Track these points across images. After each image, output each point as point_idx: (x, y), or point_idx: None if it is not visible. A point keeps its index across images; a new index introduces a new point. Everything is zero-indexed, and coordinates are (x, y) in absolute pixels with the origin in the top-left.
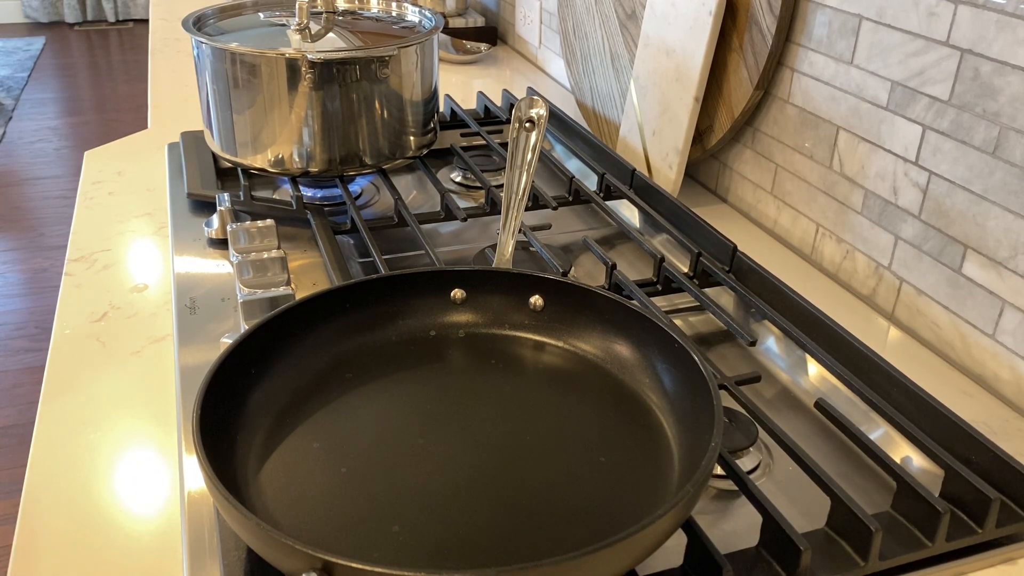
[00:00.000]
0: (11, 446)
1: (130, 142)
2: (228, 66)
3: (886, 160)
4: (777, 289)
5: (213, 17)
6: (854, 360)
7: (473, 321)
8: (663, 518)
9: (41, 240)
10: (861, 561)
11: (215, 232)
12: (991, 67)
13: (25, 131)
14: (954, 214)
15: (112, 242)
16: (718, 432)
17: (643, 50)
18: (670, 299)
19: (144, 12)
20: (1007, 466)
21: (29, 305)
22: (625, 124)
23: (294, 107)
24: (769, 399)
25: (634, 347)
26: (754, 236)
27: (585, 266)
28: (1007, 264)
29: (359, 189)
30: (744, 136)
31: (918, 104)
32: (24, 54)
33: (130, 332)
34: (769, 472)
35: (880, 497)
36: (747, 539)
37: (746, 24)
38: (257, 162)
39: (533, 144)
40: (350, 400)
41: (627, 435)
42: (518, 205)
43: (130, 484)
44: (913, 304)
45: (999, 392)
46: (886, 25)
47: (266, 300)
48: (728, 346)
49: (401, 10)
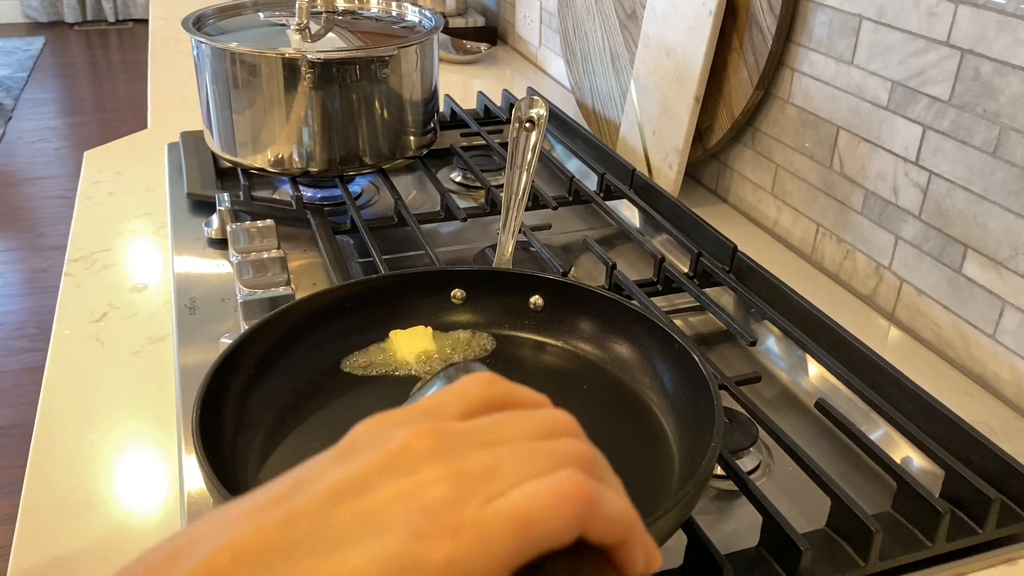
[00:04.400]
0: (11, 446)
1: (130, 142)
2: (228, 66)
3: (886, 160)
4: (777, 289)
5: (213, 17)
6: (854, 360)
7: (473, 321)
8: (663, 518)
9: (41, 240)
10: (861, 561)
11: (215, 232)
12: (991, 67)
13: (25, 131)
14: (954, 214)
15: (112, 242)
16: (718, 432)
17: (643, 50)
18: (670, 299)
19: (144, 12)
20: (1007, 466)
21: (29, 305)
22: (625, 124)
23: (294, 107)
24: (769, 399)
25: (634, 347)
26: (754, 236)
27: (585, 266)
28: (1007, 264)
29: (359, 189)
30: (744, 136)
31: (918, 104)
32: (24, 54)
33: (130, 332)
34: (769, 472)
35: (880, 497)
36: (747, 539)
37: (746, 24)
38: (257, 162)
39: (533, 144)
40: (350, 400)
41: (627, 435)
42: (518, 205)
43: (130, 484)
44: (913, 304)
45: (999, 392)
46: (886, 25)
47: (266, 300)
48: (728, 346)
49: (401, 10)
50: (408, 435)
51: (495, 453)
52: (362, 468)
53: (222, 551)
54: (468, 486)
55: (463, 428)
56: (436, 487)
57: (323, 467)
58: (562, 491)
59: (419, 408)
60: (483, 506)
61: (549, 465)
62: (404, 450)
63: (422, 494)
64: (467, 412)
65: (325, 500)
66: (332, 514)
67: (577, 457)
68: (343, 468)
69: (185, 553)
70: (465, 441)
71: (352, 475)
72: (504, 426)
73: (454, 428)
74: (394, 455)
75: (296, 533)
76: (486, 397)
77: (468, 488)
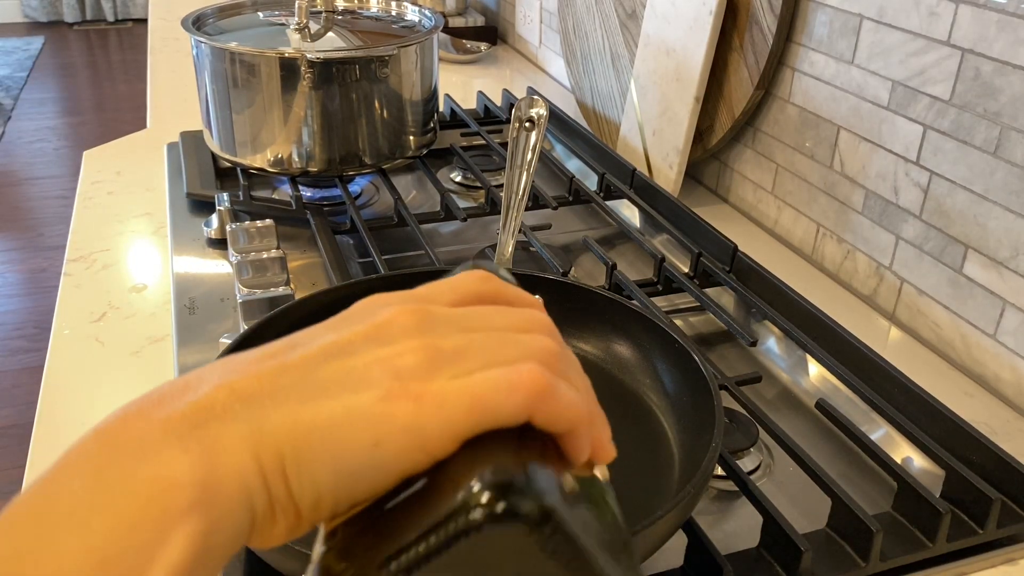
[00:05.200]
0: (10, 446)
1: (129, 142)
2: (227, 66)
3: (887, 160)
4: (778, 289)
5: (212, 16)
6: (855, 360)
7: None
8: (663, 519)
9: (40, 240)
10: (862, 562)
11: (214, 232)
12: (992, 67)
13: (24, 131)
14: (955, 214)
15: (111, 242)
16: (719, 432)
17: (643, 49)
18: (670, 299)
19: (143, 11)
20: (1008, 466)
21: (28, 305)
22: (625, 124)
23: (293, 107)
24: (770, 399)
25: (634, 347)
26: (755, 236)
27: (585, 266)
28: (1008, 264)
29: (359, 189)
30: (745, 136)
31: (919, 104)
32: (23, 54)
33: (129, 332)
34: (770, 473)
35: (881, 498)
36: (748, 540)
37: (747, 23)
38: (256, 162)
39: (533, 144)
40: None
41: (627, 435)
42: (518, 205)
43: None
44: (914, 304)
45: (1000, 392)
46: (887, 25)
47: (265, 300)
48: (729, 346)
49: (401, 9)
50: (395, 312)
51: (469, 338)
52: (351, 335)
53: (221, 388)
54: (438, 361)
55: (446, 313)
56: (410, 356)
57: (318, 332)
58: (519, 380)
59: (414, 292)
60: (448, 381)
61: (515, 356)
62: (389, 323)
63: (397, 361)
64: (457, 301)
65: (314, 357)
66: (319, 370)
67: (542, 351)
68: (335, 334)
69: (192, 388)
70: (445, 324)
71: (341, 340)
72: (484, 317)
73: (438, 311)
74: (379, 326)
75: (285, 380)
76: (478, 291)
77: (438, 363)
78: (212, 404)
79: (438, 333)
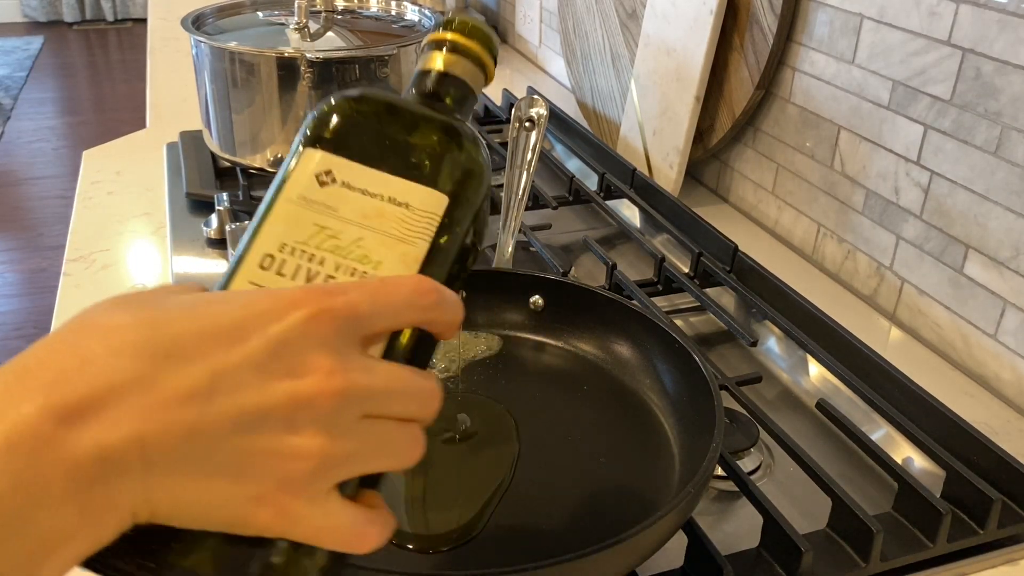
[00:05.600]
0: None
1: (129, 142)
2: (227, 65)
3: (887, 160)
4: (778, 289)
5: (212, 16)
6: (855, 360)
7: (473, 321)
8: (664, 519)
9: (39, 240)
10: (862, 562)
11: (214, 232)
12: (992, 67)
13: (24, 131)
14: (955, 214)
15: (111, 242)
16: (719, 433)
17: (643, 49)
18: (671, 299)
19: (143, 11)
20: (1009, 467)
21: (27, 305)
22: (625, 123)
23: (293, 106)
24: (770, 400)
25: (635, 347)
26: (755, 236)
27: (585, 266)
28: (1009, 264)
29: None
30: (745, 136)
31: (919, 104)
32: (23, 53)
33: None
34: (770, 473)
35: (881, 498)
36: (748, 540)
37: (747, 23)
38: (256, 161)
39: (533, 144)
40: None
41: (627, 436)
42: (518, 205)
43: None
44: (914, 304)
45: (1001, 392)
46: (887, 24)
47: None
48: (729, 346)
49: (400, 9)
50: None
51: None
52: (273, 402)
53: (132, 442)
54: (319, 472)
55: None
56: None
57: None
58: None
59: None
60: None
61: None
62: (309, 403)
63: (289, 466)
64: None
65: (229, 424)
66: (225, 443)
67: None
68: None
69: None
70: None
71: (262, 407)
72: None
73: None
74: (300, 404)
75: (190, 448)
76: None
77: (318, 474)
78: (120, 459)
79: (340, 429)
